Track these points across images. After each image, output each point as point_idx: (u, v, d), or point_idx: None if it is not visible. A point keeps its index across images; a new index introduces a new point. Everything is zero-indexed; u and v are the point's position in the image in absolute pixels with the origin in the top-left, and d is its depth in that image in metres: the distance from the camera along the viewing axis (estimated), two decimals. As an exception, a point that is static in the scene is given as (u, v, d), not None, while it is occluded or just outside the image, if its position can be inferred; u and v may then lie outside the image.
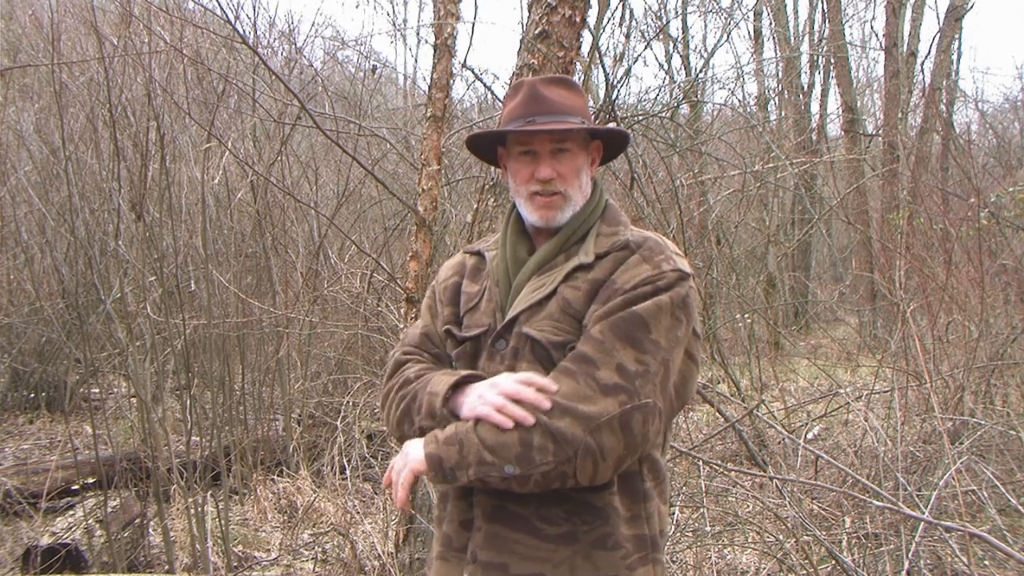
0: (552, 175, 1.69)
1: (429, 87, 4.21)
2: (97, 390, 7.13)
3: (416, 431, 1.65)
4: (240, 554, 4.76)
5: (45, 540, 4.37)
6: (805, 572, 3.48)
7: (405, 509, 1.70)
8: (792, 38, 16.48)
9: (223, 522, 4.63)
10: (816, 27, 16.19)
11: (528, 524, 1.59)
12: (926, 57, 13.68)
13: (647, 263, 1.62)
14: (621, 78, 5.60)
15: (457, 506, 1.68)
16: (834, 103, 17.31)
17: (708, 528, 4.10)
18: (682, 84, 8.30)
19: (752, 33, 15.62)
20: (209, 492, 4.87)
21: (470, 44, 29.73)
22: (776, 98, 15.26)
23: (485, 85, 6.32)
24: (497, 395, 1.54)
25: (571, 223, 1.71)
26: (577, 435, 1.48)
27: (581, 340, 1.57)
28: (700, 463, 4.35)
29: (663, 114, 6.51)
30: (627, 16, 5.93)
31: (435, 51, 4.23)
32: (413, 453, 1.60)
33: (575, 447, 1.48)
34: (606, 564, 1.57)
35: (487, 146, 1.86)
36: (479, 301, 1.76)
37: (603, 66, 5.43)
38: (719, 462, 4.98)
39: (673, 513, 4.02)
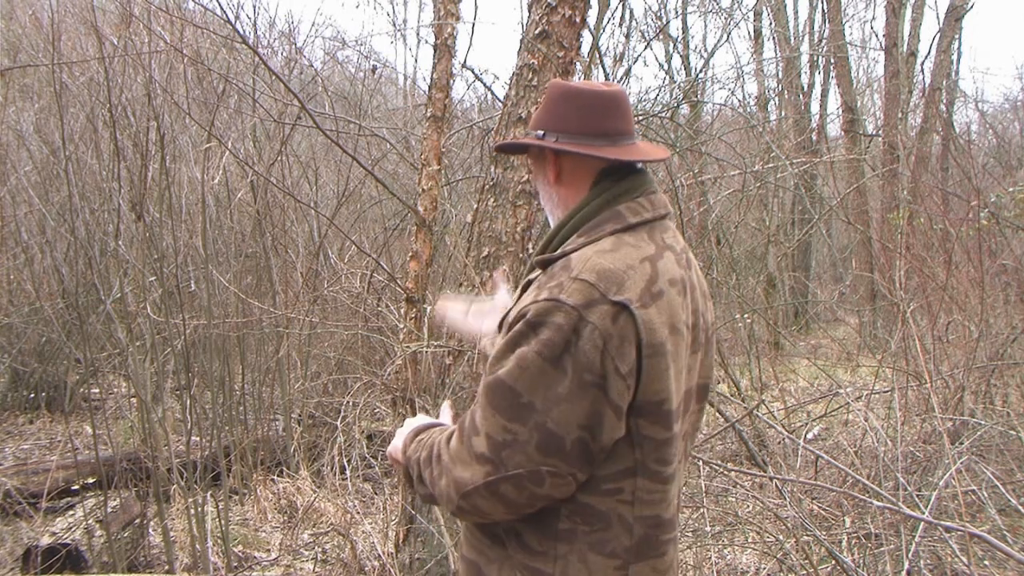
0: None
1: (429, 87, 4.22)
2: (97, 390, 7.12)
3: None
4: (240, 554, 4.76)
5: (45, 540, 4.37)
6: (805, 572, 3.48)
7: None
8: (792, 38, 16.44)
9: (223, 522, 4.63)
10: (816, 27, 16.16)
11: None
12: (926, 57, 13.70)
13: (541, 288, 1.44)
14: (621, 78, 5.61)
15: None
16: (834, 103, 17.28)
17: (708, 528, 4.10)
18: (682, 84, 8.31)
19: (752, 33, 15.60)
20: (209, 492, 4.87)
21: (470, 44, 29.85)
22: (776, 98, 15.24)
23: (485, 85, 6.34)
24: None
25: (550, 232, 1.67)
26: (452, 497, 1.47)
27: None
28: (700, 463, 4.35)
29: (663, 114, 6.52)
30: (627, 16, 5.94)
31: (435, 51, 4.23)
32: None
33: (452, 507, 1.48)
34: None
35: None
36: None
37: (603, 66, 5.44)
38: (719, 462, 4.98)
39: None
